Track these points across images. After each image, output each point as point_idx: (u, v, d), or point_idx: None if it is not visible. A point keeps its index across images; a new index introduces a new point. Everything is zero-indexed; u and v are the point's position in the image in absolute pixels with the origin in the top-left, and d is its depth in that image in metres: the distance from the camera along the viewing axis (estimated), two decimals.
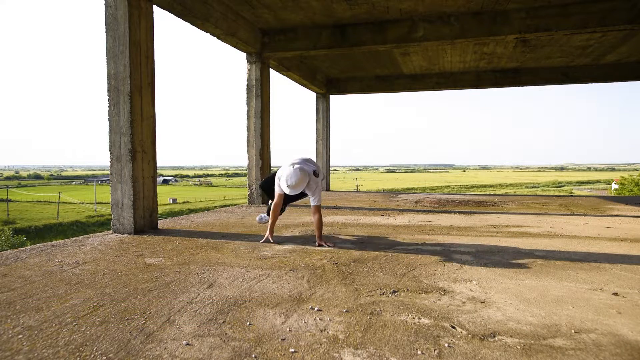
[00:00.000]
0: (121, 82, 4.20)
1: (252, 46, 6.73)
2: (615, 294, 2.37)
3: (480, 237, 4.18)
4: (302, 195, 3.80)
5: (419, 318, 2.00)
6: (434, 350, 1.67)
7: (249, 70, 7.14)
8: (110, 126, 4.26)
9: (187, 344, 1.71)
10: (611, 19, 5.58)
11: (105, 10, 4.19)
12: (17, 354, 1.63)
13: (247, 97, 7.17)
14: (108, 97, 4.24)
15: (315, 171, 3.71)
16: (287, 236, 4.20)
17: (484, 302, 2.22)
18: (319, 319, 1.98)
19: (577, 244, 3.89)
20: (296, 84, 9.93)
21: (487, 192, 65.23)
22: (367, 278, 2.68)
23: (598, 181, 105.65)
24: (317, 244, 3.71)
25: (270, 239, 3.84)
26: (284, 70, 8.52)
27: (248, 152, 7.25)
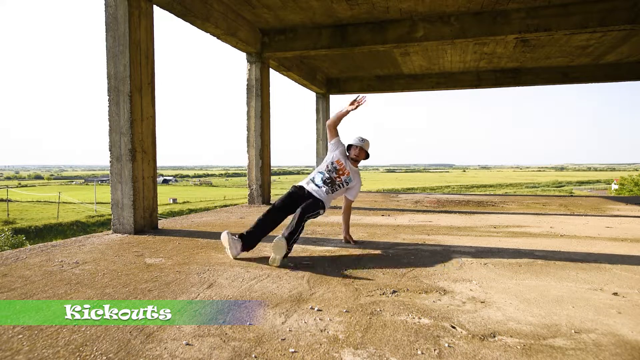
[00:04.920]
0: (121, 82, 4.19)
1: (252, 46, 6.73)
2: (615, 294, 2.37)
3: (480, 237, 4.18)
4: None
5: (419, 318, 2.00)
6: (434, 350, 1.67)
7: (249, 70, 7.14)
8: (110, 126, 4.26)
9: (187, 344, 1.71)
10: (611, 19, 5.58)
11: (105, 10, 4.19)
12: (17, 354, 1.63)
13: (247, 97, 7.17)
14: (108, 97, 4.23)
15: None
16: None
17: (484, 302, 2.22)
18: (319, 319, 1.98)
19: (577, 244, 3.88)
20: (296, 84, 9.93)
21: (487, 192, 65.24)
22: (367, 278, 2.68)
23: (598, 181, 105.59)
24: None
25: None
26: (284, 70, 8.52)
27: (248, 152, 7.24)
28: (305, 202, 3.29)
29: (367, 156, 3.66)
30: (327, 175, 3.52)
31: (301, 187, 3.51)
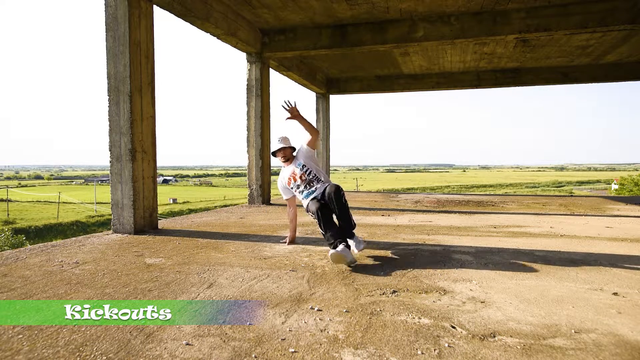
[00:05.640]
0: (121, 82, 4.19)
1: (252, 46, 6.73)
2: (615, 294, 2.37)
3: (480, 237, 4.18)
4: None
5: (419, 318, 2.00)
6: (434, 350, 1.67)
7: (249, 70, 7.14)
8: (110, 126, 4.26)
9: (187, 344, 1.71)
10: (611, 19, 5.58)
11: (105, 10, 4.19)
12: (17, 354, 1.63)
13: (247, 97, 7.17)
14: (108, 97, 4.24)
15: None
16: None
17: (484, 302, 2.22)
18: (319, 319, 1.98)
19: (577, 244, 3.88)
20: (296, 84, 9.93)
21: (487, 192, 65.19)
22: (367, 278, 2.68)
23: (598, 181, 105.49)
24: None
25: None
26: (284, 70, 8.52)
27: (248, 152, 7.25)
28: (333, 207, 3.21)
29: (293, 149, 3.66)
30: (307, 190, 3.45)
31: (314, 198, 3.40)
